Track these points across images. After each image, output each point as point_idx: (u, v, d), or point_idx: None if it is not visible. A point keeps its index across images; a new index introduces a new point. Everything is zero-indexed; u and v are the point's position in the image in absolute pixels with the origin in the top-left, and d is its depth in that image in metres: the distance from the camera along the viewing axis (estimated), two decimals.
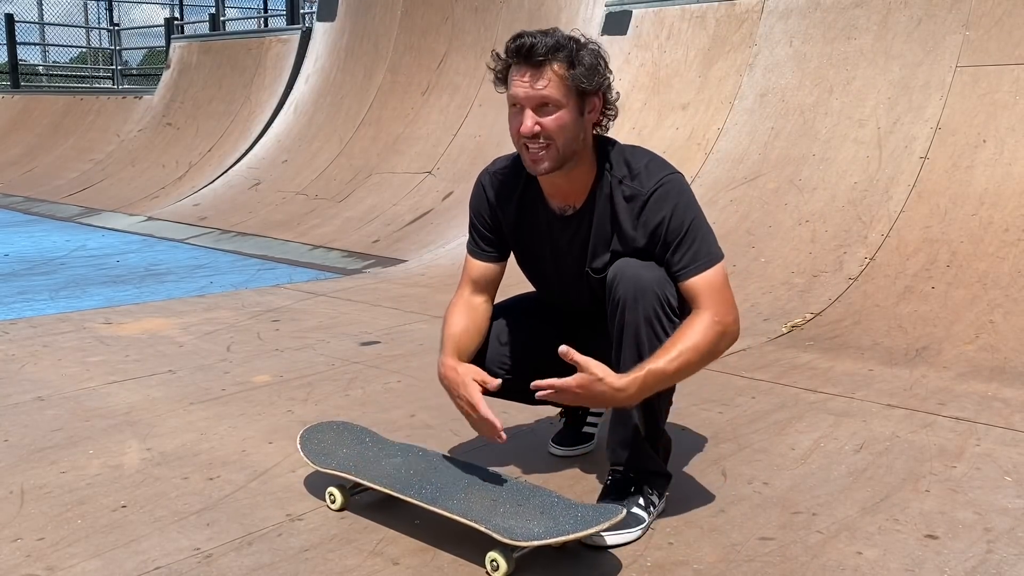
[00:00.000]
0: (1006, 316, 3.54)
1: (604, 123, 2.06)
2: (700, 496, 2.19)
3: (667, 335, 1.93)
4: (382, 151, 7.45)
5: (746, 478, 2.31)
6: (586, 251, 2.09)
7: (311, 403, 2.93)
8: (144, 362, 3.41)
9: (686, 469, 2.37)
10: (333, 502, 2.12)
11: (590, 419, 2.53)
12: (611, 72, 2.03)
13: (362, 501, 2.14)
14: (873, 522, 2.05)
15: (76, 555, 1.90)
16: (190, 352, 3.56)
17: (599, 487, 2.17)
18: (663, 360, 1.87)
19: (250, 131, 8.99)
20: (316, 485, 2.23)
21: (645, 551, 1.91)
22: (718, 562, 1.87)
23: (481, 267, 2.23)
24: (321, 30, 8.94)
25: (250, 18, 17.15)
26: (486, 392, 2.02)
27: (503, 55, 1.97)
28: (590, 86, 1.96)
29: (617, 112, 2.06)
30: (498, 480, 2.02)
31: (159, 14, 19.42)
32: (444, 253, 5.53)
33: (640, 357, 1.92)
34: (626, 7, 6.32)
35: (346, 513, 2.10)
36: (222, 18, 13.64)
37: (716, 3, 5.84)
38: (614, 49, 6.25)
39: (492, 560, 1.79)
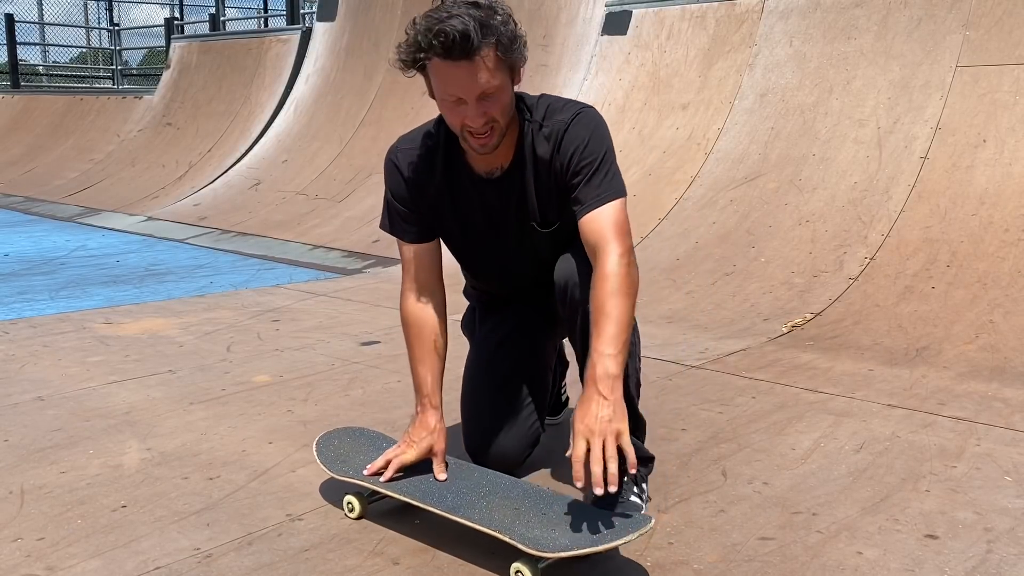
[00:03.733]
0: (1006, 316, 3.54)
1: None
2: (700, 496, 2.19)
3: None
4: (382, 151, 7.36)
5: (746, 478, 2.31)
6: (526, 207, 2.03)
7: (311, 403, 2.93)
8: (144, 362, 3.41)
9: (686, 469, 2.37)
10: (352, 511, 2.05)
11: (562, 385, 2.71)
12: (517, 21, 1.87)
13: (377, 508, 2.10)
14: (873, 522, 2.05)
15: (76, 555, 1.90)
16: (190, 352, 3.56)
17: None
18: (613, 358, 1.76)
19: (250, 131, 8.98)
20: (316, 485, 2.23)
21: (645, 551, 1.91)
22: (718, 562, 1.87)
23: (416, 249, 2.14)
24: (321, 30, 8.94)
25: (250, 18, 17.13)
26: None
27: (421, 46, 1.76)
28: (520, 58, 1.85)
29: (526, 58, 1.91)
30: (517, 486, 1.98)
31: (159, 14, 19.45)
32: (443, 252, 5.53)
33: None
34: (626, 7, 6.32)
35: (346, 513, 2.09)
36: (222, 18, 13.64)
37: (716, 3, 5.84)
38: (614, 49, 6.26)
39: (517, 571, 1.74)
